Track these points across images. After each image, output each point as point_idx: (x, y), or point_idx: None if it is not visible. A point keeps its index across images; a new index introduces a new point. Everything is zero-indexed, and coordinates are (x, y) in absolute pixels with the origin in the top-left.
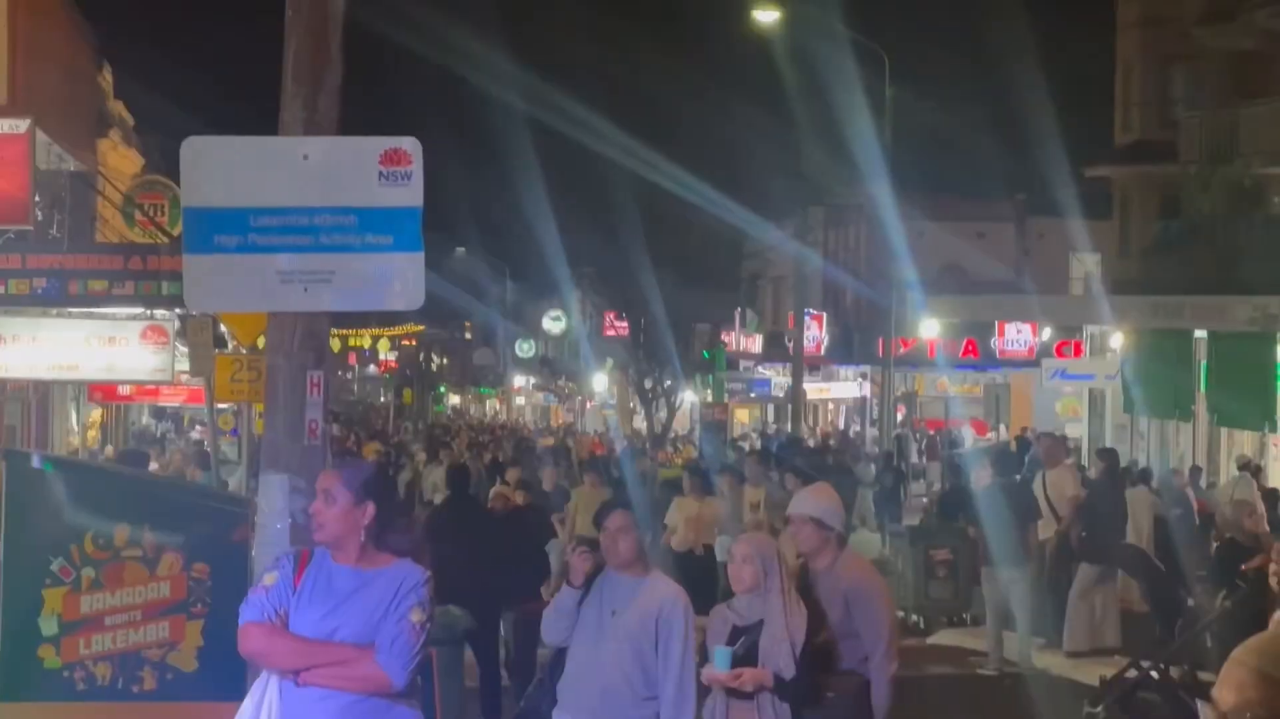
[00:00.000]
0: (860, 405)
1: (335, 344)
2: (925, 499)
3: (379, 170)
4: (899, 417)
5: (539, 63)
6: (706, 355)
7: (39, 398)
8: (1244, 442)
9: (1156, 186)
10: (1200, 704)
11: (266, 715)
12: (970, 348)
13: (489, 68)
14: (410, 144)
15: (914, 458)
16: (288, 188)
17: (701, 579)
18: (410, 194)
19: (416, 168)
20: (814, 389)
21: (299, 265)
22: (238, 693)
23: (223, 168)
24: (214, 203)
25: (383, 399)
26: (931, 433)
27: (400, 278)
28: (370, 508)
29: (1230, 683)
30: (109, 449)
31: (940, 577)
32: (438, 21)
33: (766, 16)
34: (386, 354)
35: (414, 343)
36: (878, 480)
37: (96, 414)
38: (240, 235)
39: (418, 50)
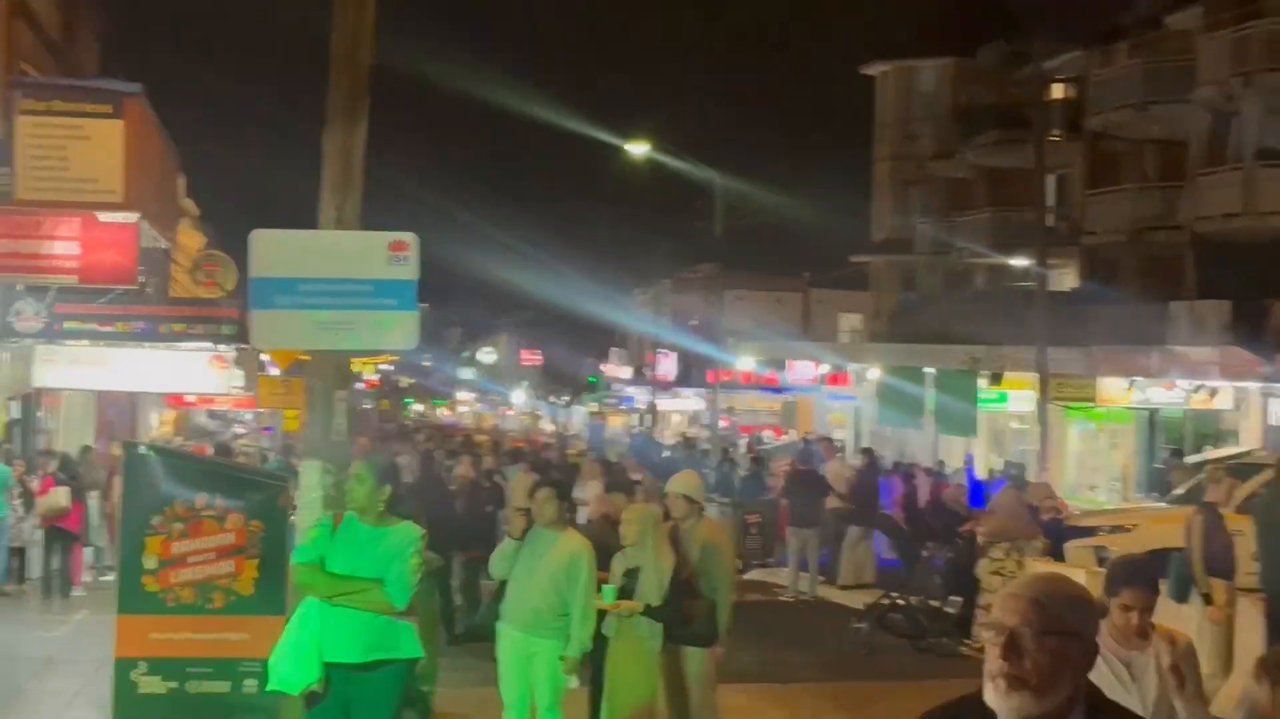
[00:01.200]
0: (697, 415)
1: None
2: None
3: (388, 254)
4: (723, 424)
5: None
6: (591, 380)
7: (132, 404)
8: (955, 443)
9: (899, 270)
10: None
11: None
12: (772, 377)
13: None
14: (410, 237)
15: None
16: (324, 265)
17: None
18: (408, 270)
19: (413, 253)
20: (665, 403)
21: (331, 319)
22: (281, 610)
23: (279, 251)
24: (273, 274)
25: (367, 406)
26: (746, 435)
27: (400, 329)
28: (388, 488)
29: (1009, 609)
30: (178, 440)
31: (752, 533)
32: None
33: (638, 149)
34: (370, 375)
35: (392, 367)
36: (717, 470)
37: (170, 415)
38: (292, 297)
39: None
